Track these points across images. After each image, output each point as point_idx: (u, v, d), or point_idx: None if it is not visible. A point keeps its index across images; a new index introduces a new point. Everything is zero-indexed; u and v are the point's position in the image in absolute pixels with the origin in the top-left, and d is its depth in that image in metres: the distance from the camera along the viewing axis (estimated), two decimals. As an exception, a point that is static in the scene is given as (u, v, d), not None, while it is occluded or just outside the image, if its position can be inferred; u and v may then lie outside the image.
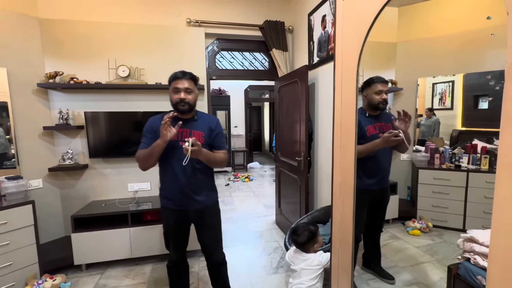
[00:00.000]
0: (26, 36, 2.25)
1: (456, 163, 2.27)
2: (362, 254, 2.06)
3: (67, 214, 2.44)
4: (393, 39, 2.32)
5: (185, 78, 1.45)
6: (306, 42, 2.59)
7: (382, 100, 1.64)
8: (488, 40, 1.74)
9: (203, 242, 1.62)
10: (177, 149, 1.44)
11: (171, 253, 1.63)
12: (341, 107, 1.09)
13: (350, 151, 1.04)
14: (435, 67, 2.31)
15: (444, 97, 2.36)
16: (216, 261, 1.65)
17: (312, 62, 2.47)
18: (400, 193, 2.59)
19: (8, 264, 1.88)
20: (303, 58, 2.69)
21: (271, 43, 2.81)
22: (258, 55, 3.14)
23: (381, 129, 1.74)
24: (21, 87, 2.22)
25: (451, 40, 2.07)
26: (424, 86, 2.48)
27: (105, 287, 2.04)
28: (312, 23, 2.43)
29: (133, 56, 2.53)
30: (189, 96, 1.45)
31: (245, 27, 2.86)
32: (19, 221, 1.94)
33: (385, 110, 1.73)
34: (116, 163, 2.60)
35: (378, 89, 1.64)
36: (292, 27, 2.96)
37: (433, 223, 2.34)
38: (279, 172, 3.05)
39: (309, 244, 1.62)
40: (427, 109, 2.54)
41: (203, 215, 1.55)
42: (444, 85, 2.33)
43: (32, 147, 2.30)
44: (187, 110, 1.46)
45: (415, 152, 2.53)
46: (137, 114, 2.55)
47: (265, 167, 6.98)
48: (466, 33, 1.94)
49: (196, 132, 1.49)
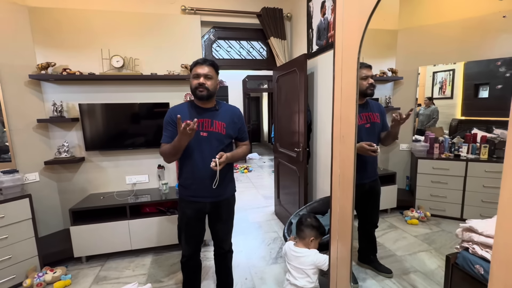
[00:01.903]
0: (15, 26, 2.17)
1: (456, 153, 2.25)
2: (358, 249, 2.06)
3: (65, 207, 2.44)
4: (394, 26, 2.26)
5: (205, 64, 1.43)
6: (305, 30, 2.51)
7: (369, 84, 1.61)
8: (495, 25, 1.68)
9: (216, 232, 1.64)
10: (197, 140, 1.43)
11: (184, 247, 1.60)
12: (341, 96, 1.06)
13: (349, 142, 1.02)
14: (436, 55, 2.25)
15: (444, 86, 2.32)
16: (224, 249, 1.67)
17: (311, 51, 2.41)
18: (399, 183, 2.58)
19: (7, 257, 1.88)
20: (302, 47, 2.62)
21: (269, 31, 2.73)
22: (256, 44, 3.07)
23: (368, 119, 1.70)
24: (12, 79, 2.16)
25: (453, 27, 2.02)
26: (424, 75, 2.44)
27: (106, 279, 2.05)
28: (311, 9, 2.35)
29: (127, 46, 2.45)
30: (208, 82, 1.42)
31: (242, 15, 2.77)
32: (16, 215, 1.93)
33: (373, 95, 1.69)
34: (113, 155, 2.57)
35: (364, 74, 1.60)
36: (290, 14, 2.88)
37: (431, 212, 2.34)
38: (278, 163, 3.04)
39: (310, 232, 1.53)
40: (426, 98, 2.50)
41: (220, 207, 1.55)
42: (444, 73, 2.29)
43: (27, 140, 2.26)
44: (206, 96, 1.43)
45: (414, 142, 2.52)
46: (134, 105, 2.50)
47: (264, 158, 6.98)
48: (468, 19, 1.88)
49: (217, 122, 1.47)
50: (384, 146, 2.52)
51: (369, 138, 1.70)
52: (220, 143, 1.48)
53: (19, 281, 1.94)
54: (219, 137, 1.47)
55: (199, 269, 1.71)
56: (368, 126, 1.69)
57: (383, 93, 2.41)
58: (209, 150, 1.45)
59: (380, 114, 1.77)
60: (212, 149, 1.45)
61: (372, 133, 1.73)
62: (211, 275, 2.05)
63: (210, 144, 1.45)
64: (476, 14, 1.82)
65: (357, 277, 1.93)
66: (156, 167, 2.65)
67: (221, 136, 1.48)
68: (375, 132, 1.75)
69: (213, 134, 1.46)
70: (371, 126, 1.71)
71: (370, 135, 1.71)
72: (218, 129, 1.47)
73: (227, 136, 1.50)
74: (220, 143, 1.48)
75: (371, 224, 1.96)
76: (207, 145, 1.45)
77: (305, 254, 1.49)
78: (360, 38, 0.92)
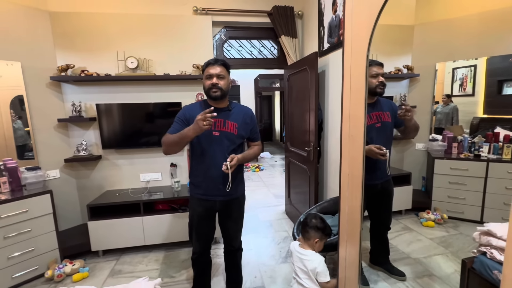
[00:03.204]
0: (38, 30, 2.29)
1: (476, 153, 2.15)
2: (370, 251, 2.02)
3: (83, 203, 2.55)
4: (410, 21, 2.19)
5: (217, 64, 1.45)
6: (316, 28, 2.48)
7: (379, 83, 1.56)
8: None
9: (226, 230, 1.66)
10: (209, 139, 1.46)
11: (194, 245, 1.63)
12: (349, 95, 1.04)
13: (358, 141, 1.00)
14: (456, 50, 2.16)
15: (465, 82, 2.22)
16: (234, 247, 1.70)
17: (322, 49, 2.37)
18: (414, 183, 2.50)
19: (31, 249, 2.00)
20: (313, 45, 2.59)
21: (280, 29, 2.72)
22: (267, 43, 3.06)
23: (378, 118, 1.65)
24: (35, 80, 2.28)
25: (472, 21, 1.92)
26: (443, 71, 2.34)
27: (121, 272, 2.13)
28: (323, 7, 2.31)
29: (141, 47, 2.52)
30: (221, 82, 1.44)
31: (253, 14, 2.78)
32: (38, 209, 2.05)
33: (383, 94, 1.64)
34: (128, 153, 2.66)
35: (374, 72, 1.55)
36: (302, 12, 2.85)
37: (448, 214, 2.26)
38: (289, 162, 3.03)
39: (315, 233, 1.49)
40: (444, 95, 2.40)
41: (230, 206, 1.57)
42: (465, 69, 2.19)
43: (48, 139, 2.39)
44: (219, 96, 1.45)
45: (431, 141, 2.43)
46: (148, 105, 2.58)
47: (276, 157, 6.96)
48: (489, 12, 1.79)
49: (230, 122, 1.49)
50: (411, 139, 2.45)
51: (380, 138, 1.66)
52: (231, 143, 1.50)
53: (41, 272, 2.05)
54: (231, 137, 1.49)
55: (209, 266, 1.74)
56: (379, 125, 1.65)
57: (398, 91, 2.34)
58: (221, 150, 1.47)
59: (392, 112, 1.71)
60: (223, 149, 1.47)
61: (383, 133, 1.68)
62: (221, 272, 2.08)
63: (221, 144, 1.47)
64: (497, 7, 1.72)
65: (369, 279, 1.89)
66: (169, 165, 2.71)
67: (233, 136, 1.50)
68: (386, 132, 1.70)
69: (225, 134, 1.48)
70: (382, 126, 1.66)
71: (381, 135, 1.66)
72: (230, 129, 1.49)
73: (238, 136, 1.52)
74: (232, 143, 1.50)
75: (383, 226, 1.91)
76: (218, 145, 1.47)
77: (310, 258, 1.44)
78: (369, 35, 0.89)
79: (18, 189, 2.09)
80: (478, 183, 2.02)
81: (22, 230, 1.95)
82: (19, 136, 2.26)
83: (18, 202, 1.94)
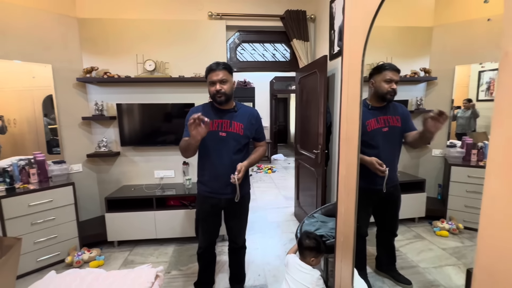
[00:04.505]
0: (67, 35, 2.50)
1: (496, 160, 2.04)
2: (376, 257, 1.98)
3: (102, 195, 2.72)
4: (428, 23, 2.13)
5: (218, 69, 1.48)
6: (327, 31, 2.49)
7: (391, 90, 1.53)
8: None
9: (230, 227, 1.73)
10: (216, 139, 1.53)
11: (200, 239, 1.71)
12: (347, 99, 1.06)
13: (353, 144, 1.02)
14: (480, 53, 2.04)
15: (491, 86, 2.11)
16: (238, 244, 1.76)
17: (333, 52, 2.38)
18: (430, 191, 2.42)
19: (54, 236, 2.18)
20: (324, 48, 2.60)
21: (292, 33, 2.75)
22: (279, 46, 3.10)
23: (386, 123, 1.62)
24: (63, 81, 2.49)
25: (498, 21, 1.83)
26: (465, 74, 2.24)
27: (133, 262, 2.26)
28: (334, 10, 2.32)
29: (158, 51, 2.67)
30: (225, 86, 1.48)
31: (266, 18, 2.83)
32: (62, 199, 2.23)
33: (391, 101, 1.61)
34: (144, 151, 2.81)
35: (388, 77, 1.52)
36: (314, 16, 2.86)
37: (464, 224, 2.16)
38: (298, 165, 3.04)
39: (309, 253, 1.52)
40: (465, 100, 2.30)
41: (235, 204, 1.61)
42: (492, 73, 2.09)
43: (73, 135, 2.59)
44: (224, 101, 1.51)
45: (448, 147, 2.33)
46: (164, 105, 2.72)
47: (289, 159, 6.94)
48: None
49: (235, 123, 1.55)
50: (414, 149, 2.37)
51: (387, 142, 1.63)
52: (237, 143, 1.56)
53: (62, 258, 2.23)
54: (237, 137, 1.55)
55: (213, 261, 1.81)
56: (386, 130, 1.63)
57: (414, 95, 2.28)
58: (227, 150, 1.54)
59: (402, 116, 1.68)
60: (229, 149, 1.54)
61: (391, 137, 1.65)
62: (226, 268, 2.14)
63: (228, 144, 1.54)
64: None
65: (373, 285, 1.87)
66: (181, 164, 2.83)
67: (239, 137, 1.56)
68: (395, 136, 1.67)
69: (231, 134, 1.54)
70: (389, 130, 1.63)
71: (388, 139, 1.64)
72: (236, 129, 1.55)
73: (244, 137, 1.57)
74: (238, 143, 1.56)
75: (389, 232, 1.88)
76: (225, 145, 1.54)
77: (310, 272, 1.47)
78: (364, 40, 0.91)
79: (45, 180, 2.30)
80: (497, 193, 1.92)
81: (47, 218, 2.14)
82: (46, 132, 2.48)
83: (44, 192, 2.13)
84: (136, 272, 1.34)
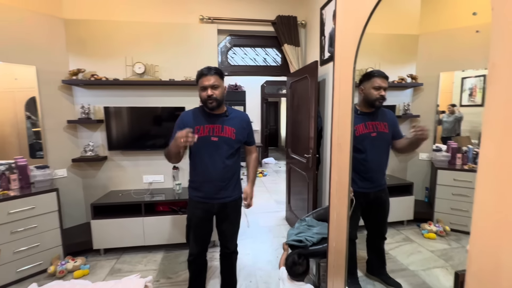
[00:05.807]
0: (52, 36, 2.42)
1: (479, 164, 2.11)
2: (366, 261, 2.00)
3: (88, 202, 2.62)
4: (415, 31, 2.19)
5: (210, 74, 1.47)
6: (318, 37, 2.52)
7: (380, 96, 1.56)
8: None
9: (222, 232, 1.70)
10: (208, 144, 1.51)
11: (191, 246, 1.67)
12: (339, 105, 1.07)
13: (345, 149, 1.02)
14: (463, 60, 2.13)
15: (474, 92, 2.19)
16: (230, 249, 1.73)
17: (323, 58, 2.41)
18: (417, 194, 2.46)
19: (36, 245, 2.08)
20: (315, 54, 2.63)
21: (283, 38, 2.78)
22: (271, 51, 3.12)
23: (374, 128, 1.65)
24: (48, 83, 2.40)
25: (482, 31, 1.91)
26: (449, 81, 2.32)
27: (120, 271, 2.18)
28: (324, 17, 2.36)
29: (148, 54, 2.63)
30: (216, 92, 1.48)
31: (258, 23, 2.85)
32: (45, 206, 2.13)
33: (380, 108, 1.64)
34: (133, 155, 2.74)
35: (377, 84, 1.56)
36: (305, 22, 2.90)
37: (451, 226, 2.20)
38: (290, 169, 3.04)
39: (299, 276, 1.49)
40: (449, 105, 2.38)
41: (227, 208, 1.61)
42: (474, 79, 2.17)
43: (58, 139, 2.50)
44: (216, 106, 1.51)
45: (435, 151, 2.39)
46: (154, 109, 2.66)
47: (280, 163, 6.96)
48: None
49: (227, 128, 1.55)
50: (401, 154, 2.42)
51: (374, 147, 1.66)
52: (230, 148, 1.55)
53: (44, 267, 2.13)
54: (229, 141, 1.54)
55: (205, 268, 1.77)
56: (375, 135, 1.66)
57: (402, 100, 2.33)
58: (219, 154, 1.53)
59: (390, 123, 1.72)
60: (222, 153, 1.53)
61: (379, 142, 1.69)
62: (217, 275, 2.10)
63: (220, 149, 1.53)
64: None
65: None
66: (171, 168, 2.78)
67: (231, 141, 1.55)
68: (383, 142, 1.71)
69: (224, 139, 1.53)
70: (377, 136, 1.67)
71: (376, 144, 1.67)
72: (228, 134, 1.54)
73: (236, 141, 1.57)
74: (230, 148, 1.55)
75: (378, 236, 1.90)
76: (217, 149, 1.53)
77: (305, 286, 1.46)
78: (355, 48, 0.93)
79: (26, 186, 2.20)
80: (481, 196, 1.98)
81: (29, 226, 2.04)
82: (29, 135, 2.38)
83: (26, 198, 2.03)
84: (124, 283, 1.30)
